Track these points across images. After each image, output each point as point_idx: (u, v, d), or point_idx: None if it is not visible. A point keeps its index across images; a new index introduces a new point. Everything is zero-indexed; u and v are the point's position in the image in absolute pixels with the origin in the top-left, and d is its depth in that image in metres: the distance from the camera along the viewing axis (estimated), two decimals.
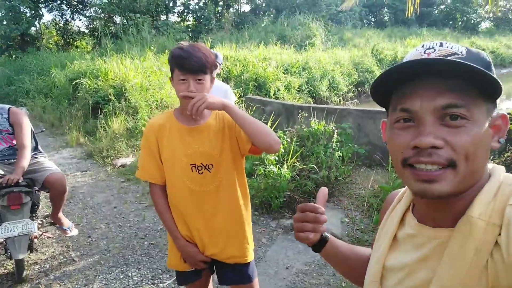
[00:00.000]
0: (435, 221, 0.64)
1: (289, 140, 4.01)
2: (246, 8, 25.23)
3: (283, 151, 3.87)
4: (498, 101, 0.61)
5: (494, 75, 0.56)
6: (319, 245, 0.85)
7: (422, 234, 0.65)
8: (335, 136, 3.96)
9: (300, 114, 4.65)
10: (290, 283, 2.59)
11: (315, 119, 4.37)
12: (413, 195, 0.71)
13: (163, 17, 17.46)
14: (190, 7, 18.70)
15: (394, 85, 0.62)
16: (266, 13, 18.92)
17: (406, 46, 16.30)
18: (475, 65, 0.52)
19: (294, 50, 12.83)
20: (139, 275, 2.72)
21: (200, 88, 1.36)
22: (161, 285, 2.59)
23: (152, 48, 9.99)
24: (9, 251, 2.62)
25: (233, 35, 14.83)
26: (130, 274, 2.73)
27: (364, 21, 24.41)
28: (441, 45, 0.60)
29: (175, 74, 1.39)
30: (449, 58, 0.56)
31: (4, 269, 2.80)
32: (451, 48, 0.59)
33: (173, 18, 19.00)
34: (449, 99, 0.56)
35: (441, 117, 0.56)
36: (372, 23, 25.56)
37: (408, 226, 0.70)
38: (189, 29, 17.42)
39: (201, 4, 18.51)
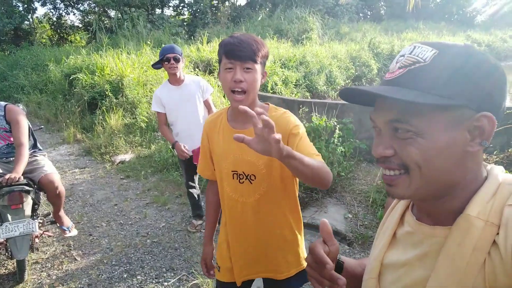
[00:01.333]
0: (433, 219, 0.65)
1: None
2: (242, 1, 24.99)
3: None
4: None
5: (466, 77, 0.55)
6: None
7: (421, 232, 0.66)
8: (337, 131, 3.94)
9: (301, 110, 4.61)
10: None
11: (316, 114, 4.34)
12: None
13: (158, 11, 17.25)
14: (186, 0, 18.48)
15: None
16: (263, 7, 18.76)
17: (403, 39, 16.26)
18: (400, 98, 0.55)
19: (291, 44, 12.75)
20: (143, 273, 2.69)
21: (249, 78, 1.22)
22: (165, 283, 2.56)
23: (148, 42, 9.87)
24: (10, 251, 2.59)
25: (229, 29, 14.71)
26: (134, 273, 2.70)
27: (361, 14, 24.29)
28: (411, 51, 0.61)
29: (222, 63, 1.25)
30: (408, 68, 0.59)
31: (5, 269, 2.76)
32: (417, 55, 0.59)
33: (168, 12, 18.81)
34: (393, 114, 0.60)
35: (393, 129, 0.61)
36: (369, 16, 25.45)
37: (407, 224, 0.71)
38: (185, 23, 17.25)
39: None
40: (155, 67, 3.14)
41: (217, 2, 18.41)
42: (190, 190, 3.26)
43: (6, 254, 2.71)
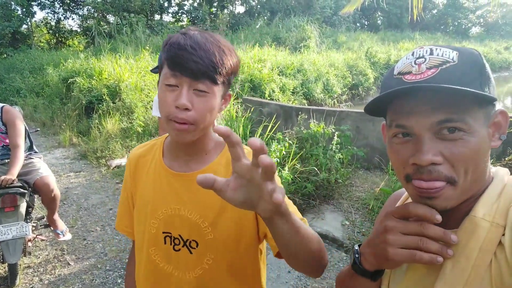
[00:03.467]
0: (439, 223, 0.64)
1: (290, 142, 3.98)
2: (240, 9, 25.20)
3: (284, 153, 3.83)
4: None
5: (489, 77, 0.57)
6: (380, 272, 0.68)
7: None
8: (335, 138, 3.94)
9: (299, 116, 4.62)
10: (292, 287, 2.55)
11: (314, 121, 4.35)
12: None
13: (157, 17, 17.34)
14: (185, 7, 18.61)
15: (388, 100, 0.62)
16: (261, 15, 18.91)
17: (399, 49, 16.43)
18: (466, 89, 0.52)
19: (289, 52, 12.84)
20: None
21: (200, 106, 0.80)
22: None
23: (147, 48, 9.89)
24: (2, 255, 2.54)
25: (227, 36, 14.79)
26: None
27: (358, 24, 24.58)
28: (431, 52, 0.58)
29: (163, 73, 0.83)
30: (440, 68, 0.56)
31: None
32: (442, 55, 0.57)
33: (167, 18, 18.89)
34: (444, 114, 0.55)
35: (438, 131, 0.56)
36: (366, 26, 25.75)
37: None
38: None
39: (195, 4, 18.43)
40: (154, 71, 3.10)
41: (216, 9, 18.54)
42: None
43: None
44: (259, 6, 19.02)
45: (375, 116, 0.68)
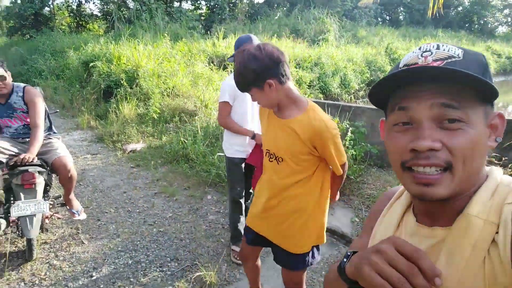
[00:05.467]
0: (432, 220, 0.65)
1: None
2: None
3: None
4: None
5: (491, 78, 0.58)
6: None
7: (420, 234, 0.66)
8: (349, 134, 3.91)
9: None
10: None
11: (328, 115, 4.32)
12: (412, 197, 0.72)
13: (176, 4, 17.34)
14: None
15: (391, 88, 0.63)
16: (280, 6, 18.70)
17: None
18: (470, 72, 0.53)
19: (307, 45, 12.70)
20: (147, 261, 2.72)
21: (255, 99, 1.57)
22: (169, 272, 2.59)
23: (165, 35, 9.93)
24: (21, 229, 2.64)
25: (246, 26, 14.71)
26: (138, 260, 2.73)
27: (379, 19, 24.06)
28: (437, 47, 0.60)
29: None
30: (446, 61, 0.57)
31: (15, 247, 2.82)
32: (448, 51, 0.59)
33: (186, 6, 18.88)
34: (446, 99, 0.56)
35: (439, 120, 0.57)
36: (387, 21, 25.18)
37: (406, 226, 0.71)
38: (202, 18, 17.30)
39: None
40: (231, 60, 2.55)
41: None
42: (238, 202, 2.73)
43: (17, 232, 2.77)
44: None
45: (377, 107, 0.70)
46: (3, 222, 2.57)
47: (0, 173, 2.91)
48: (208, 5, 18.16)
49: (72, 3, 18.36)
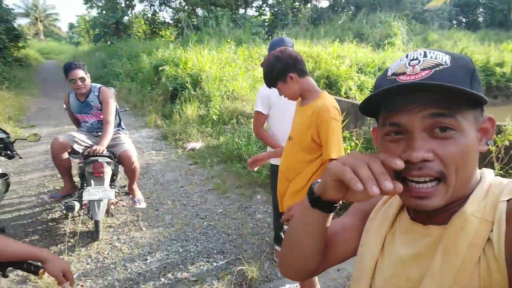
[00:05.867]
0: (427, 219, 0.65)
1: (357, 142, 3.90)
2: (324, 3, 24.63)
3: (349, 151, 3.78)
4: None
5: (479, 82, 0.59)
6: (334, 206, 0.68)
7: (415, 232, 0.66)
8: None
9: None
10: (339, 286, 2.56)
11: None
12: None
13: (241, 11, 17.96)
14: (269, 1, 18.93)
15: (380, 99, 0.62)
16: (345, 10, 18.34)
17: (502, 51, 14.58)
18: (457, 86, 0.53)
19: (371, 49, 12.30)
20: (196, 251, 2.91)
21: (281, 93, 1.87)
22: (214, 264, 2.74)
23: (229, 40, 10.36)
24: (90, 212, 3.00)
25: (308, 31, 14.70)
26: (188, 249, 2.93)
27: (454, 21, 22.32)
28: (425, 55, 0.60)
29: None
30: (433, 70, 0.57)
31: (86, 228, 3.21)
32: (436, 58, 0.59)
33: (251, 12, 19.44)
34: (435, 109, 0.56)
35: (430, 130, 0.57)
36: (463, 24, 23.26)
37: (401, 224, 0.71)
38: (266, 24, 17.67)
39: None
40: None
41: (299, 3, 18.50)
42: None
43: (88, 214, 3.14)
44: (343, 1, 18.44)
45: (368, 117, 0.70)
46: (77, 204, 2.94)
47: (77, 161, 3.34)
48: (271, 11, 18.50)
49: (148, 12, 20.01)
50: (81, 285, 2.48)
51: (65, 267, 1.25)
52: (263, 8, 19.33)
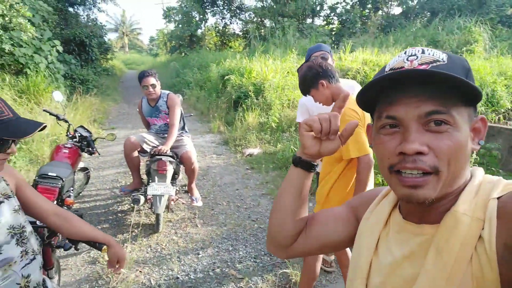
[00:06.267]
0: (420, 218, 0.66)
1: None
2: (397, 10, 23.60)
3: None
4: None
5: (473, 81, 0.59)
6: (310, 165, 0.80)
7: (407, 231, 0.67)
8: (473, 155, 3.47)
9: None
10: None
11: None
12: (399, 198, 0.72)
13: (309, 20, 18.03)
14: (337, 10, 18.73)
15: (379, 91, 0.64)
16: (419, 16, 17.35)
17: None
18: (455, 74, 0.54)
19: None
20: (244, 251, 3.03)
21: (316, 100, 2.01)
22: (261, 264, 2.83)
23: (293, 50, 10.49)
24: (153, 206, 3.30)
25: (377, 39, 14.20)
26: (237, 248, 3.07)
27: None
28: (423, 52, 0.61)
29: None
30: (431, 65, 0.58)
31: (148, 220, 3.53)
32: (433, 55, 0.60)
33: (318, 21, 19.40)
34: (432, 106, 0.58)
35: (425, 123, 0.58)
36: None
37: (394, 223, 0.71)
38: (333, 33, 17.49)
39: (348, 7, 18.31)
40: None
41: (368, 11, 17.99)
42: None
43: (151, 208, 3.46)
44: (418, 7, 17.47)
45: (365, 111, 0.73)
46: (142, 198, 3.26)
47: (145, 159, 3.70)
48: (339, 19, 18.26)
49: (219, 24, 21.13)
50: (140, 271, 2.74)
51: (122, 255, 1.47)
52: (330, 17, 19.19)
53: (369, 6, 18.41)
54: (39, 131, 1.19)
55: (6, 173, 1.28)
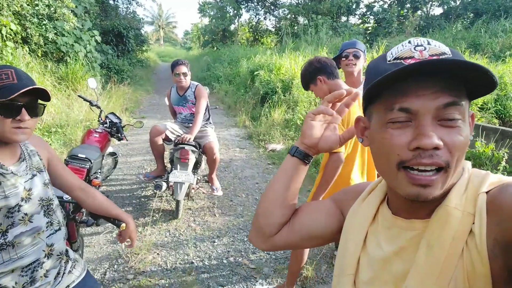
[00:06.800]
0: (410, 213, 0.65)
1: None
2: (437, 11, 22.62)
3: None
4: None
5: None
6: (306, 156, 0.82)
7: (397, 226, 0.66)
8: (503, 163, 3.32)
9: None
10: None
11: (482, 140, 3.75)
12: (393, 193, 0.69)
13: (343, 19, 17.71)
14: (374, 9, 18.26)
15: (387, 83, 0.58)
16: (461, 17, 16.58)
17: None
18: (481, 65, 0.51)
19: (487, 61, 10.88)
20: None
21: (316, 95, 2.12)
22: (273, 256, 2.87)
23: (324, 48, 10.38)
24: (173, 192, 3.42)
25: None
26: None
27: None
28: (429, 43, 0.59)
29: None
30: (440, 57, 0.56)
31: (169, 206, 3.66)
32: (439, 47, 0.58)
33: (353, 20, 19.01)
34: (449, 97, 0.55)
35: (440, 116, 0.56)
36: None
37: (382, 218, 0.70)
38: (368, 32, 17.08)
39: (385, 6, 17.81)
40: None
41: (406, 11, 17.40)
42: None
43: (172, 195, 3.58)
44: (460, 7, 16.70)
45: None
46: (164, 184, 3.39)
47: (170, 148, 3.83)
48: (376, 18, 17.81)
49: (252, 20, 21.20)
50: (157, 253, 2.86)
51: (133, 236, 1.58)
52: (366, 16, 18.75)
53: (408, 5, 17.81)
54: (42, 99, 1.21)
55: (40, 147, 1.39)
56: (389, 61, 0.60)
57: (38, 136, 1.47)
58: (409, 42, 0.60)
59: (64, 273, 1.38)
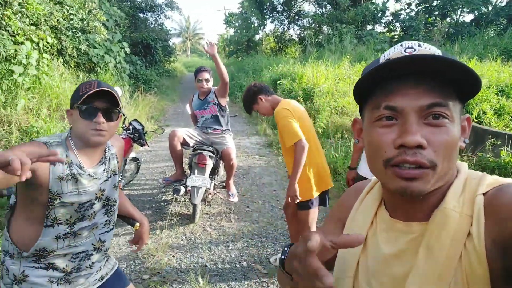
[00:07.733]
0: (407, 215, 0.64)
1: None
2: (467, 18, 21.94)
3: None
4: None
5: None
6: None
7: (395, 229, 0.66)
8: None
9: (489, 141, 3.92)
10: None
11: (507, 149, 3.61)
12: (387, 193, 0.68)
13: (369, 27, 17.54)
14: (401, 17, 17.97)
15: (376, 83, 0.61)
16: (493, 24, 15.99)
17: None
18: (463, 63, 0.53)
19: None
20: (272, 249, 3.10)
21: (261, 113, 2.59)
22: None
23: (348, 56, 10.32)
24: (191, 197, 3.51)
25: (441, 48, 13.37)
26: (266, 245, 3.14)
27: None
28: (419, 45, 0.61)
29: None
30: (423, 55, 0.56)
31: (187, 211, 3.75)
32: (429, 49, 0.60)
33: (379, 28, 18.77)
34: (432, 98, 0.56)
35: (424, 116, 0.57)
36: None
37: (381, 221, 0.70)
38: (394, 40, 16.80)
39: (412, 14, 17.50)
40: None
41: (434, 18, 17.00)
42: None
43: (190, 199, 3.67)
44: (492, 13, 16.13)
45: (356, 103, 0.69)
46: (182, 188, 3.49)
47: (189, 153, 3.94)
48: (402, 26, 17.51)
49: (277, 30, 21.41)
50: (173, 255, 2.95)
51: (144, 238, 1.66)
52: (393, 24, 18.46)
53: (436, 13, 17.40)
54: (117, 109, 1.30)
55: (118, 150, 1.52)
56: (381, 63, 0.61)
57: (121, 139, 1.61)
58: (401, 45, 0.63)
59: (104, 266, 1.50)
